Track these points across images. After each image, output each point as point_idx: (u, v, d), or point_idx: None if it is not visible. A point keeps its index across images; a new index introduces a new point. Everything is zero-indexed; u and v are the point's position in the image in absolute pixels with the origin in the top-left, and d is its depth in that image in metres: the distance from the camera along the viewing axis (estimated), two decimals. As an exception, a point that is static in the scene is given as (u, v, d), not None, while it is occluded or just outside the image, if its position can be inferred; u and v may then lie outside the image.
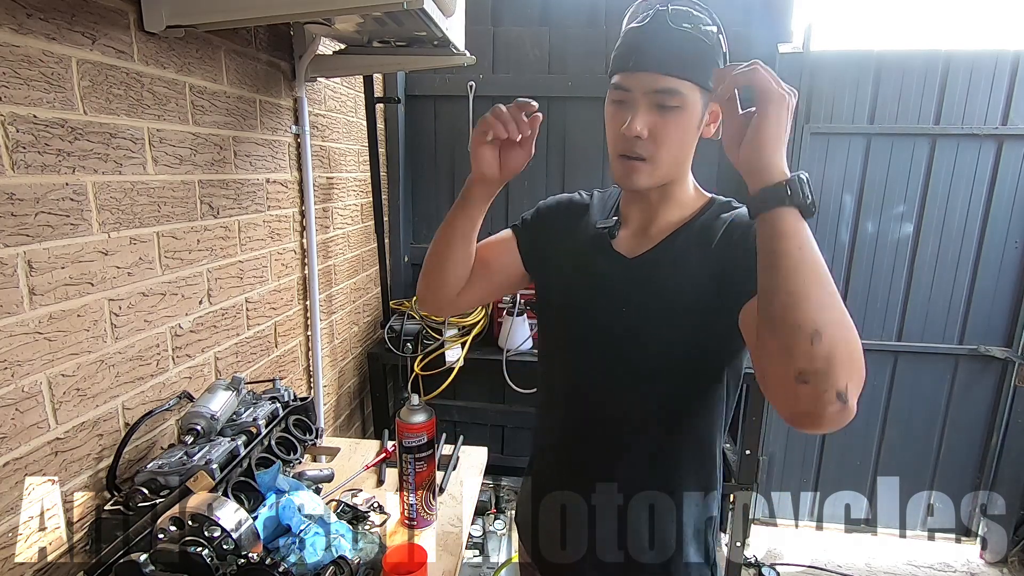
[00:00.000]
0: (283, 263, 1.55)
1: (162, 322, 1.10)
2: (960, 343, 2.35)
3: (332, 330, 1.96)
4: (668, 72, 0.77)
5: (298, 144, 1.57)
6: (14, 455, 0.82)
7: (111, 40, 0.94)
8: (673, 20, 0.77)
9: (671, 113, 0.79)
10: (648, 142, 0.80)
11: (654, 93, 0.78)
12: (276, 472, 1.04)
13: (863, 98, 2.20)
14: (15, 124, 0.79)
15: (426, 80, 2.38)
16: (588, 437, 0.95)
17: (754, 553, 2.43)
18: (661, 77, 0.77)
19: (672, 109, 0.79)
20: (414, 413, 1.03)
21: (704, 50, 0.78)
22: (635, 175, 0.83)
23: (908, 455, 2.48)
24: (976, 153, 2.19)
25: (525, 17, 2.36)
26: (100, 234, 0.94)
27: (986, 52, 2.11)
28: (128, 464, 1.02)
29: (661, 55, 0.77)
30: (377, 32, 1.44)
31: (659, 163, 0.82)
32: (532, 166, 2.78)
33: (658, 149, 0.81)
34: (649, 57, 0.78)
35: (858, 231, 2.31)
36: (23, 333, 0.82)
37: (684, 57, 0.77)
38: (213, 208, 1.23)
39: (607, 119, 0.85)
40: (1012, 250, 2.24)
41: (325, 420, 1.89)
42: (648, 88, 0.78)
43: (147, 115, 1.03)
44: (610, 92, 0.84)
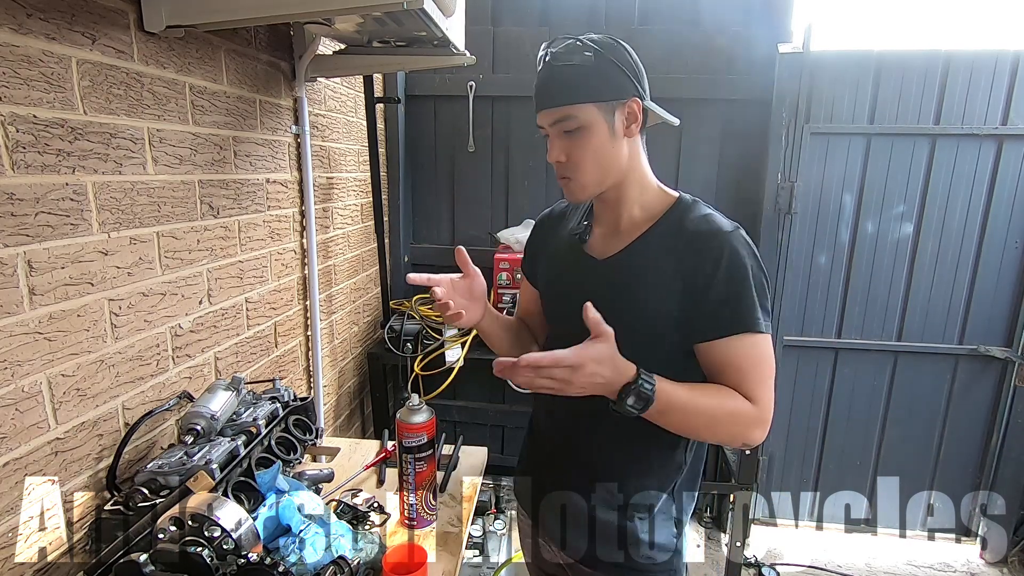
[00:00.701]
0: (283, 263, 1.55)
1: (162, 322, 1.10)
2: (960, 343, 2.35)
3: (332, 330, 1.96)
4: (557, 104, 0.90)
5: (298, 144, 1.57)
6: (14, 455, 0.82)
7: (111, 40, 0.94)
8: (553, 59, 0.90)
9: (576, 135, 0.91)
10: (568, 165, 0.93)
11: (555, 124, 0.91)
12: (276, 472, 1.04)
13: (863, 98, 2.20)
14: (15, 124, 0.79)
15: (426, 80, 2.39)
16: (555, 429, 1.07)
17: (754, 553, 2.43)
18: (554, 110, 0.90)
19: (575, 131, 0.90)
20: (414, 413, 1.03)
21: (585, 72, 0.88)
22: (571, 193, 0.96)
23: (908, 455, 2.48)
24: (976, 153, 2.19)
25: (525, 17, 2.36)
26: (100, 234, 0.94)
27: (986, 52, 2.11)
28: (128, 464, 1.02)
29: (549, 92, 0.91)
30: (377, 32, 1.44)
31: (582, 178, 0.93)
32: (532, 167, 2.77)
33: (576, 168, 0.93)
34: (543, 96, 0.92)
35: (858, 231, 2.31)
36: (23, 333, 0.82)
37: (566, 86, 0.89)
38: (213, 208, 1.23)
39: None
40: (1012, 250, 2.24)
41: (325, 420, 1.89)
42: (551, 121, 0.92)
43: (147, 115, 1.03)
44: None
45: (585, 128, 0.90)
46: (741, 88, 2.23)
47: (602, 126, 0.90)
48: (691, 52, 2.26)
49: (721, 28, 2.22)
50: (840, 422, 2.49)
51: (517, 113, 2.41)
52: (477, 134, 2.42)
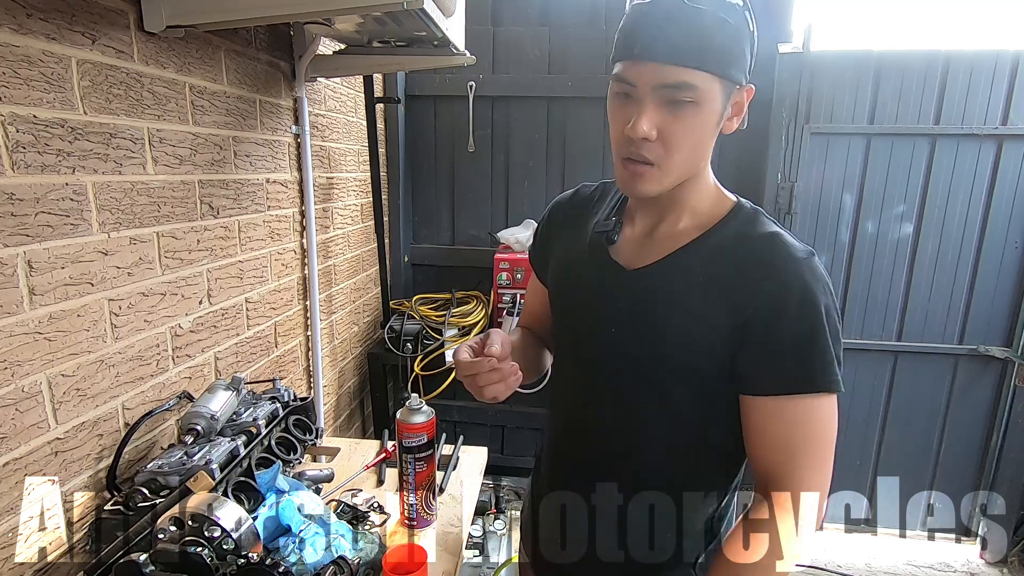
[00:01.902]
0: (283, 263, 1.55)
1: (162, 322, 1.10)
2: (960, 343, 2.35)
3: (332, 330, 1.96)
4: (680, 63, 0.65)
5: (298, 144, 1.57)
6: (14, 455, 0.82)
7: (111, 40, 0.94)
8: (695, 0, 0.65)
9: (684, 109, 0.67)
10: (656, 145, 0.69)
11: (663, 88, 0.67)
12: (276, 472, 1.04)
13: (863, 98, 2.20)
14: (15, 124, 0.79)
15: (426, 80, 2.38)
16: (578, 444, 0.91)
17: (754, 553, 2.42)
18: (672, 68, 0.65)
19: (685, 105, 0.67)
20: (414, 413, 1.03)
21: (727, 32, 0.66)
22: (640, 183, 0.73)
23: (908, 455, 2.48)
24: (976, 153, 2.18)
25: (525, 17, 2.36)
26: (100, 234, 0.94)
27: (986, 52, 2.11)
28: (128, 464, 1.02)
29: (672, 41, 0.65)
30: (377, 32, 1.44)
31: (669, 169, 0.71)
32: (532, 167, 2.78)
33: (668, 153, 0.70)
34: (658, 44, 0.65)
35: (858, 231, 2.31)
36: (23, 333, 0.82)
37: (701, 43, 0.65)
38: (213, 208, 1.23)
39: (610, 115, 0.74)
40: (1012, 250, 2.24)
41: (325, 420, 1.89)
42: (656, 82, 0.66)
43: (147, 115, 1.03)
44: (612, 83, 0.72)
45: (699, 105, 0.67)
46: (741, 88, 2.23)
47: (716, 111, 0.69)
48: (691, 52, 2.26)
49: (721, 28, 2.22)
50: (840, 422, 2.48)
51: (517, 113, 2.41)
52: (477, 134, 2.42)
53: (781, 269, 0.70)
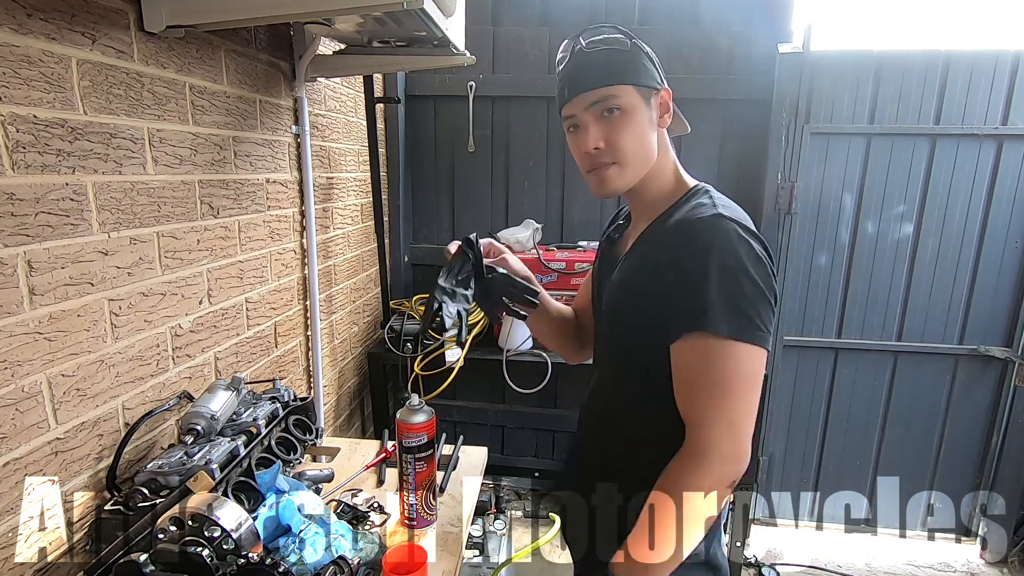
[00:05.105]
0: (283, 263, 1.55)
1: (162, 322, 1.10)
2: (960, 343, 2.35)
3: (332, 330, 1.96)
4: (597, 85, 0.84)
5: (298, 144, 1.57)
6: (14, 455, 0.82)
7: (111, 40, 0.94)
8: (587, 46, 0.86)
9: (616, 117, 0.85)
10: (607, 150, 0.86)
11: (593, 106, 0.85)
12: (276, 472, 1.04)
13: (863, 98, 2.20)
14: (15, 124, 0.79)
15: (426, 80, 2.38)
16: (590, 439, 1.01)
17: (754, 553, 2.42)
18: (593, 91, 0.84)
19: (615, 112, 0.85)
20: (414, 413, 1.03)
21: (624, 57, 0.85)
22: (607, 183, 0.88)
23: (908, 455, 2.48)
24: (976, 153, 2.18)
25: (525, 17, 2.36)
26: (100, 234, 0.94)
27: (986, 52, 2.11)
28: (128, 464, 1.02)
29: (586, 75, 0.85)
30: (377, 32, 1.44)
31: (625, 163, 0.86)
32: (532, 167, 2.77)
33: (619, 151, 0.86)
34: (577, 81, 0.86)
35: (858, 231, 2.31)
36: (23, 333, 0.82)
37: (606, 68, 0.84)
38: (213, 208, 1.23)
39: (570, 147, 0.92)
40: (1012, 250, 2.24)
41: (325, 420, 1.89)
42: (587, 103, 0.85)
43: (147, 115, 1.03)
44: (563, 124, 0.92)
45: (626, 111, 0.85)
46: (741, 88, 2.23)
47: (642, 111, 0.86)
48: (691, 52, 2.26)
49: (721, 28, 2.22)
50: (840, 422, 2.49)
51: (517, 113, 2.41)
52: (477, 134, 2.42)
53: (690, 227, 0.81)
